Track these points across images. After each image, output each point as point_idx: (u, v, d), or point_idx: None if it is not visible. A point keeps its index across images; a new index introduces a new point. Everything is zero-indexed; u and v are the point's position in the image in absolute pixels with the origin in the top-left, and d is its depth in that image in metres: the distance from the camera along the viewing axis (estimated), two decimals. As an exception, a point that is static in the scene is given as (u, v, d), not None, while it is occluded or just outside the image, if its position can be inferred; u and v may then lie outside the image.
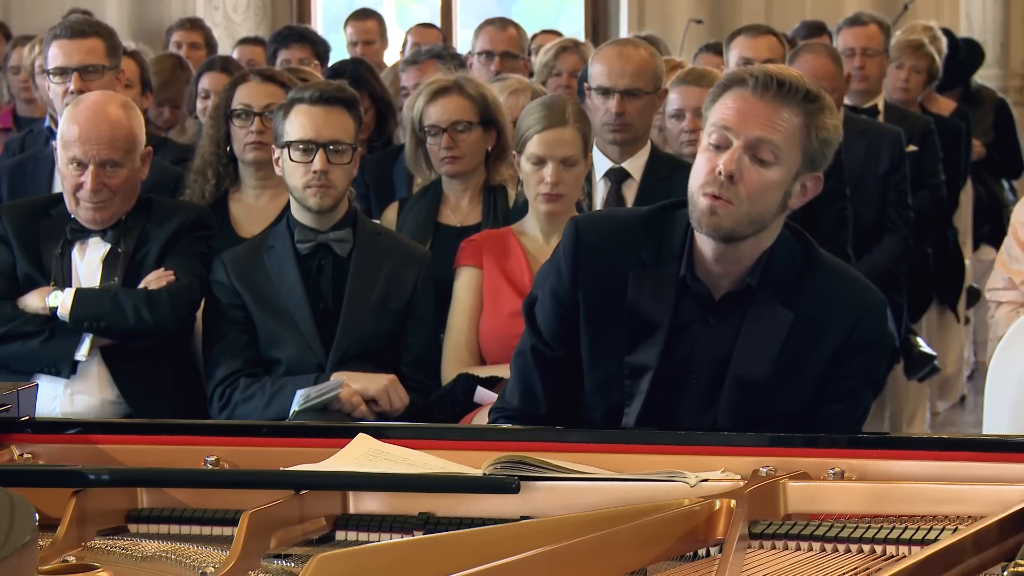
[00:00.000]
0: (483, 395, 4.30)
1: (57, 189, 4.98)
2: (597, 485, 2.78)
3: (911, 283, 6.72)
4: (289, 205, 4.61)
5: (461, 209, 5.11)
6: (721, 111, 3.14)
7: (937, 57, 7.81)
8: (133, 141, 4.51)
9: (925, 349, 6.72)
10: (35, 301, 4.49)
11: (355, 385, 4.36)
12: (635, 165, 5.22)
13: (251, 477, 2.85)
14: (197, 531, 2.79)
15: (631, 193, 5.19)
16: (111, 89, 5.07)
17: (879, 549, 2.55)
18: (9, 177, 5.37)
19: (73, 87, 5.19)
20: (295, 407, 4.28)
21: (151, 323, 4.44)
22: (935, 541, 2.50)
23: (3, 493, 2.01)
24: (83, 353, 4.46)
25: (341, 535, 2.77)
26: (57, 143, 4.61)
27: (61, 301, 4.44)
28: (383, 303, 4.48)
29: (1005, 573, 2.29)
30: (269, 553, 2.63)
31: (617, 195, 5.19)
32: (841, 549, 2.57)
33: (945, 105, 8.13)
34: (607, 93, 5.17)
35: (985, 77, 9.43)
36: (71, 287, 4.48)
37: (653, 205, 3.38)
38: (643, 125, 5.24)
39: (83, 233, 4.54)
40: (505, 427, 3.29)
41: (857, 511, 2.68)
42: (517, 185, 4.79)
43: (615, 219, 3.41)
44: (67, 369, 4.47)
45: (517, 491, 2.74)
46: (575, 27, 10.87)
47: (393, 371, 4.44)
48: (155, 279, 4.50)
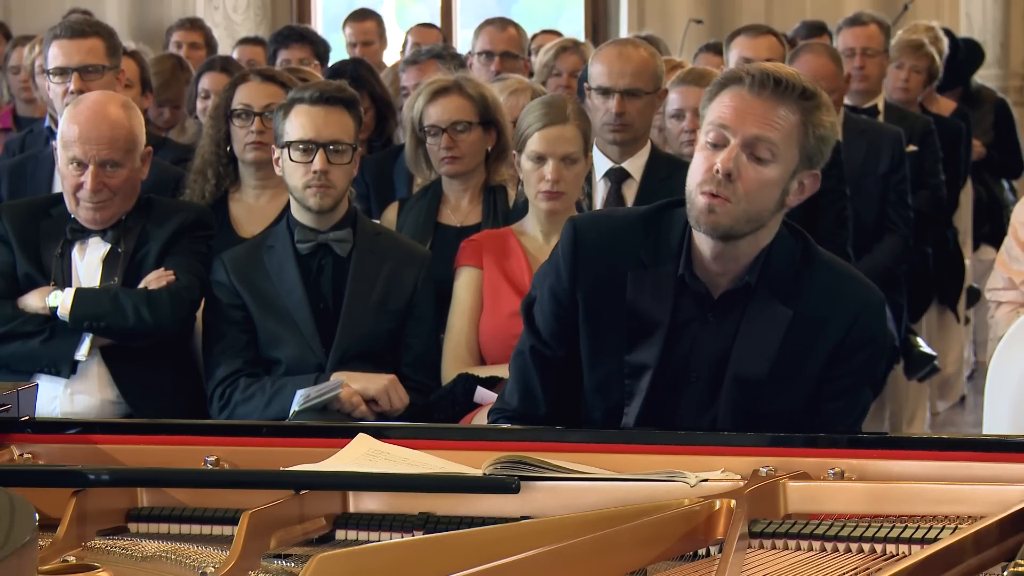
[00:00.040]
0: (483, 395, 4.30)
1: (57, 189, 4.98)
2: (597, 485, 2.78)
3: (911, 283, 6.72)
4: (289, 205, 4.61)
5: (461, 209, 5.11)
6: (718, 109, 3.13)
7: (937, 57, 7.81)
8: (133, 141, 4.51)
9: (925, 349, 6.72)
10: (35, 301, 4.49)
11: (355, 385, 4.36)
12: (635, 165, 5.22)
13: (251, 477, 2.85)
14: (197, 530, 2.79)
15: (631, 193, 5.19)
16: (111, 89, 5.07)
17: (879, 548, 2.56)
18: (9, 177, 5.37)
19: (73, 87, 5.19)
20: (295, 407, 4.27)
21: (151, 323, 4.44)
22: (935, 540, 2.51)
23: (3, 493, 2.01)
24: (83, 353, 4.46)
25: (341, 534, 2.77)
26: (57, 143, 4.61)
27: (61, 301, 4.44)
28: (383, 303, 4.48)
29: (1005, 573, 2.29)
30: (269, 553, 2.63)
31: (617, 195, 5.19)
32: (841, 548, 2.57)
33: (945, 105, 8.12)
34: (607, 93, 5.17)
35: (985, 77, 9.43)
36: (71, 287, 4.48)
37: (651, 204, 3.38)
38: (643, 125, 5.24)
39: (83, 233, 4.54)
40: (505, 427, 3.28)
41: (857, 511, 2.68)
42: (517, 185, 4.79)
43: (613, 219, 3.41)
44: (67, 369, 4.47)
45: (517, 491, 2.73)
46: (575, 27, 10.87)
47: (393, 371, 4.44)
48: (155, 279, 4.50)
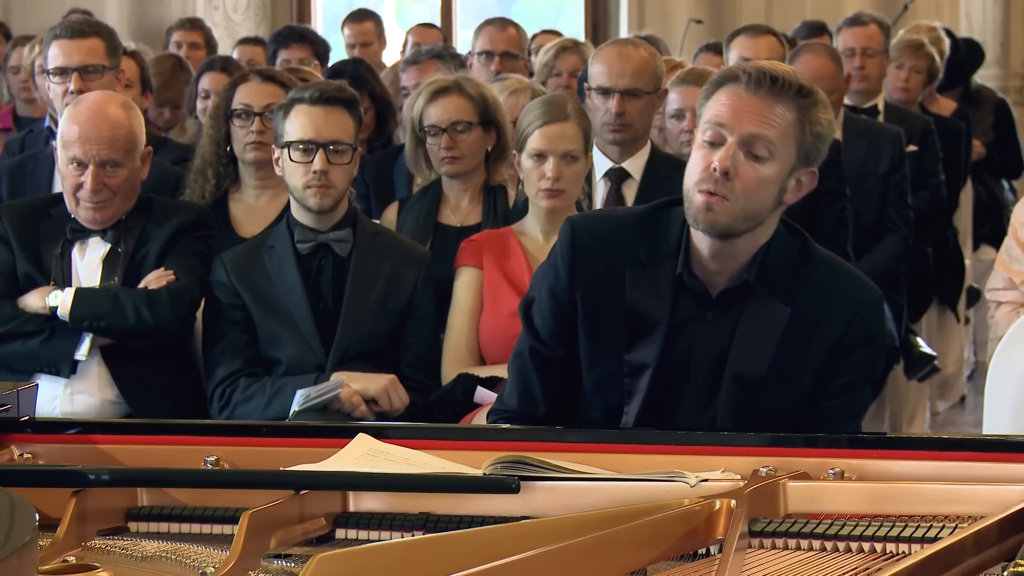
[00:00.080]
0: (483, 395, 4.30)
1: (57, 189, 4.98)
2: (597, 485, 2.78)
3: (911, 283, 6.72)
4: (289, 205, 4.61)
5: (461, 209, 5.11)
6: (715, 108, 3.13)
7: (937, 57, 7.81)
8: (133, 141, 4.51)
9: (925, 349, 6.72)
10: (35, 301, 4.49)
11: (355, 385, 4.36)
12: (635, 165, 5.22)
13: (251, 477, 2.85)
14: (197, 530, 2.79)
15: (631, 193, 5.19)
16: (111, 89, 5.07)
17: (879, 548, 2.55)
18: (9, 177, 5.37)
19: (73, 87, 5.19)
20: (295, 407, 4.27)
21: (151, 323, 4.44)
22: (935, 540, 2.51)
23: (3, 493, 2.01)
24: (83, 353, 4.46)
25: (341, 533, 2.77)
26: (57, 143, 4.61)
27: (61, 301, 4.44)
28: (383, 303, 4.48)
29: (1005, 573, 2.28)
30: (269, 553, 2.63)
31: (617, 195, 5.19)
32: (841, 548, 2.57)
33: (946, 105, 8.12)
34: (607, 93, 5.17)
35: (985, 77, 9.43)
36: (71, 287, 4.48)
37: (648, 204, 3.38)
38: (643, 125, 5.24)
39: (83, 233, 4.54)
40: (505, 427, 3.28)
41: (857, 511, 2.68)
42: (517, 185, 4.79)
43: (611, 218, 3.42)
44: (67, 369, 4.47)
45: (517, 491, 2.73)
46: (575, 27, 10.87)
47: (393, 371, 4.44)
48: (155, 279, 4.50)
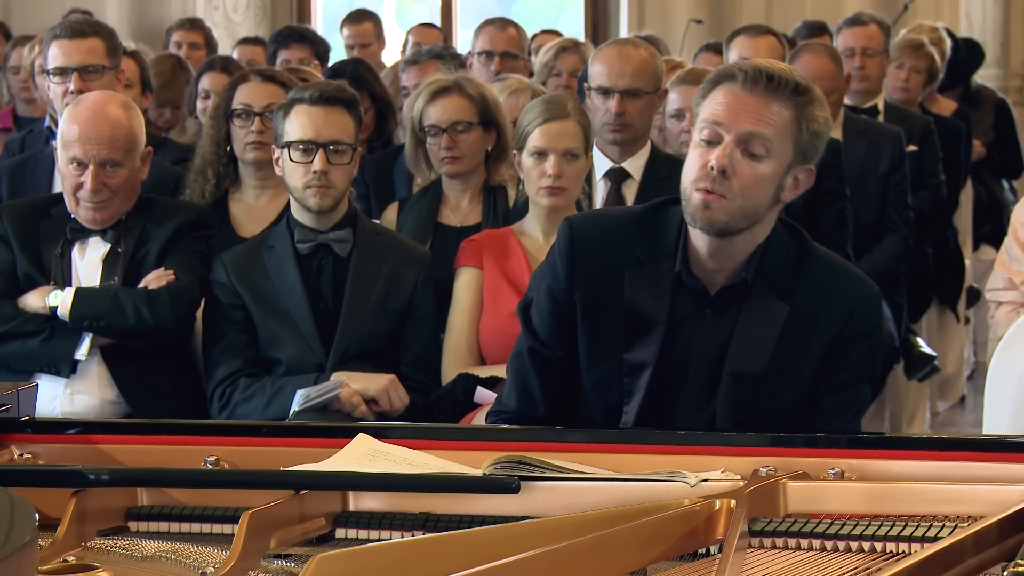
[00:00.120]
0: (483, 395, 4.30)
1: (57, 189, 4.98)
2: (597, 485, 2.78)
3: (911, 283, 6.72)
4: (289, 205, 4.61)
5: (461, 209, 5.11)
6: (711, 106, 3.14)
7: (937, 57, 7.81)
8: (133, 141, 4.51)
9: (925, 349, 6.72)
10: (35, 300, 4.49)
11: (355, 385, 4.36)
12: (635, 165, 5.22)
13: (251, 477, 2.85)
14: (197, 529, 2.79)
15: (631, 193, 5.18)
16: (111, 89, 5.07)
17: (879, 547, 2.55)
18: (9, 177, 5.37)
19: (73, 87, 5.19)
20: (295, 407, 4.27)
21: (151, 322, 4.44)
22: (935, 539, 2.51)
23: (3, 493, 2.01)
24: (83, 352, 4.46)
25: (341, 533, 2.77)
26: (57, 143, 4.61)
27: (61, 300, 4.44)
28: (383, 303, 4.48)
29: (1005, 573, 2.28)
30: (269, 553, 2.63)
31: (617, 195, 5.19)
32: (841, 548, 2.57)
33: (946, 105, 8.12)
34: (607, 93, 5.17)
35: (985, 77, 9.43)
36: (71, 286, 4.48)
37: (646, 203, 3.38)
38: (643, 125, 5.24)
39: (83, 233, 4.54)
40: (505, 427, 3.28)
41: (857, 511, 2.68)
42: (517, 185, 4.79)
43: (609, 218, 3.42)
44: (67, 368, 4.47)
45: (517, 491, 2.73)
46: (575, 27, 10.87)
47: (393, 371, 4.44)
48: (155, 279, 4.50)
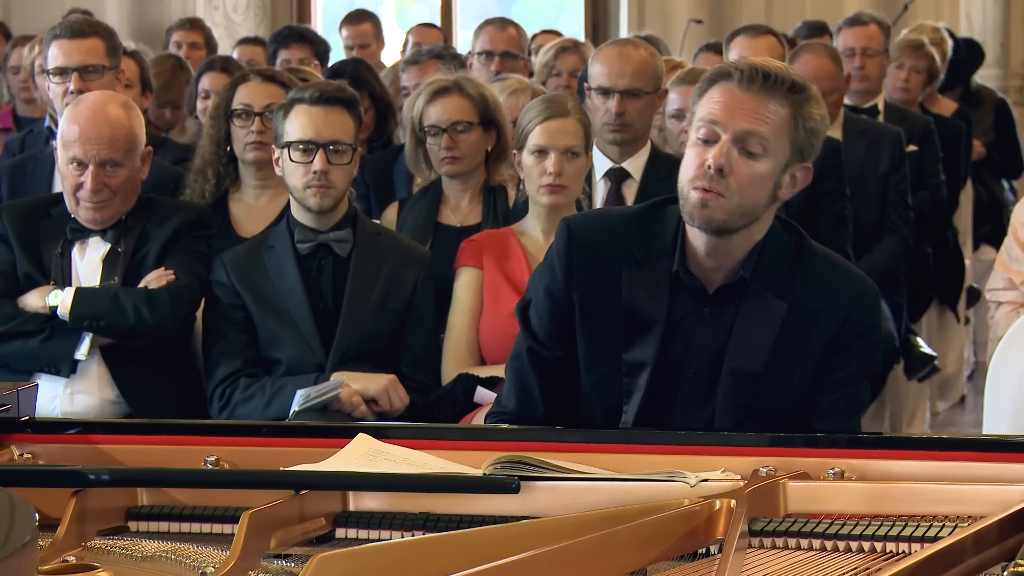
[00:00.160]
0: (483, 395, 4.30)
1: (57, 189, 4.98)
2: (597, 485, 2.78)
3: (911, 283, 6.71)
4: (289, 205, 4.61)
5: (461, 209, 5.11)
6: (708, 105, 3.14)
7: (938, 57, 7.81)
8: (133, 141, 4.51)
9: (925, 349, 6.72)
10: (35, 300, 4.49)
11: (355, 385, 4.36)
12: (635, 165, 5.22)
13: (251, 477, 2.85)
14: (197, 529, 2.79)
15: (631, 193, 5.18)
16: (111, 89, 5.07)
17: (879, 547, 2.55)
18: (9, 177, 5.37)
19: (73, 87, 5.19)
20: (295, 407, 4.27)
21: (151, 322, 4.44)
22: (936, 539, 2.51)
23: (3, 493, 2.01)
24: (83, 352, 4.46)
25: (341, 532, 2.77)
26: (57, 143, 4.61)
27: (61, 300, 4.44)
28: (383, 303, 4.47)
29: (1005, 573, 2.28)
30: (269, 553, 2.63)
31: (617, 195, 5.19)
32: (841, 548, 2.57)
33: (946, 106, 8.12)
34: (607, 93, 5.17)
35: (985, 77, 9.43)
36: (71, 286, 4.48)
37: (644, 203, 3.39)
38: (643, 125, 5.24)
39: (83, 233, 4.54)
40: (505, 427, 3.28)
41: (857, 511, 2.68)
42: (517, 185, 4.79)
43: (607, 218, 3.43)
44: (67, 368, 4.47)
45: (517, 491, 2.73)
46: (575, 27, 10.87)
47: (393, 371, 4.44)
48: (155, 278, 4.50)
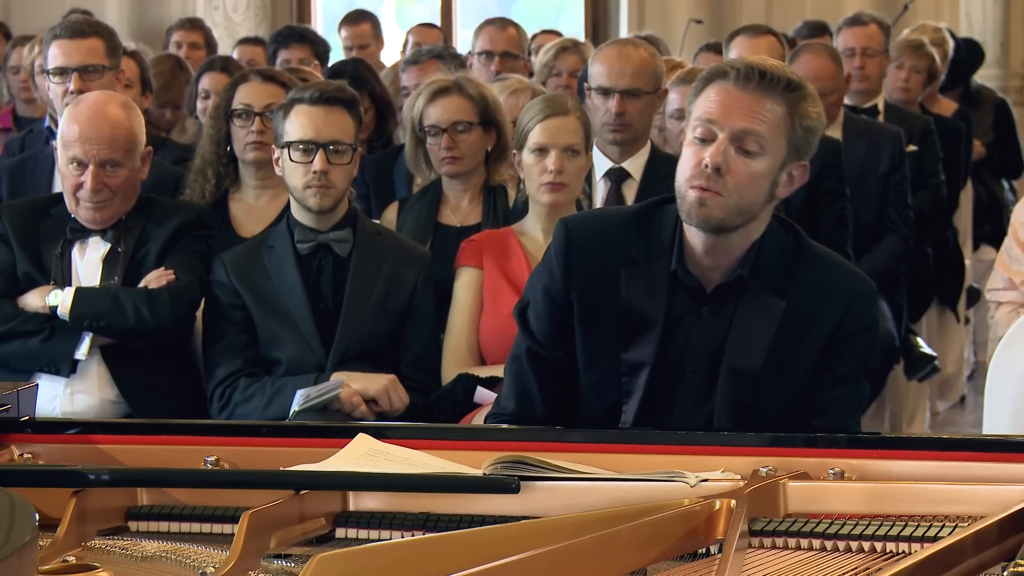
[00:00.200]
0: (483, 395, 4.30)
1: (57, 189, 4.98)
2: (597, 485, 2.78)
3: (911, 283, 6.71)
4: (289, 205, 4.61)
5: (461, 209, 5.11)
6: (704, 104, 3.14)
7: (937, 57, 7.81)
8: (133, 141, 4.51)
9: (925, 349, 6.72)
10: (35, 300, 4.49)
11: (355, 385, 4.36)
12: (635, 165, 5.22)
13: (251, 477, 2.85)
14: (197, 529, 2.79)
15: (631, 193, 5.18)
16: (111, 89, 5.07)
17: (879, 547, 2.55)
18: (9, 177, 5.37)
19: (73, 87, 5.19)
20: (295, 407, 4.27)
21: (151, 322, 4.44)
22: (936, 539, 2.51)
23: (3, 493, 2.01)
24: (83, 352, 4.46)
25: (341, 532, 2.77)
26: (57, 143, 4.61)
27: (61, 300, 4.44)
28: (383, 303, 4.47)
29: (1005, 573, 2.28)
30: (269, 553, 2.63)
31: (617, 195, 5.19)
32: (841, 548, 2.57)
33: (947, 106, 8.12)
34: (607, 93, 5.17)
35: (985, 77, 9.43)
36: (71, 286, 4.48)
37: (641, 202, 3.39)
38: (643, 125, 5.24)
39: (83, 232, 4.54)
40: (505, 427, 3.28)
41: (857, 511, 2.68)
42: (517, 185, 4.79)
43: (604, 218, 3.43)
44: (67, 368, 4.47)
45: (517, 491, 2.73)
46: (575, 27, 10.87)
47: (393, 371, 4.44)
48: (155, 278, 4.50)
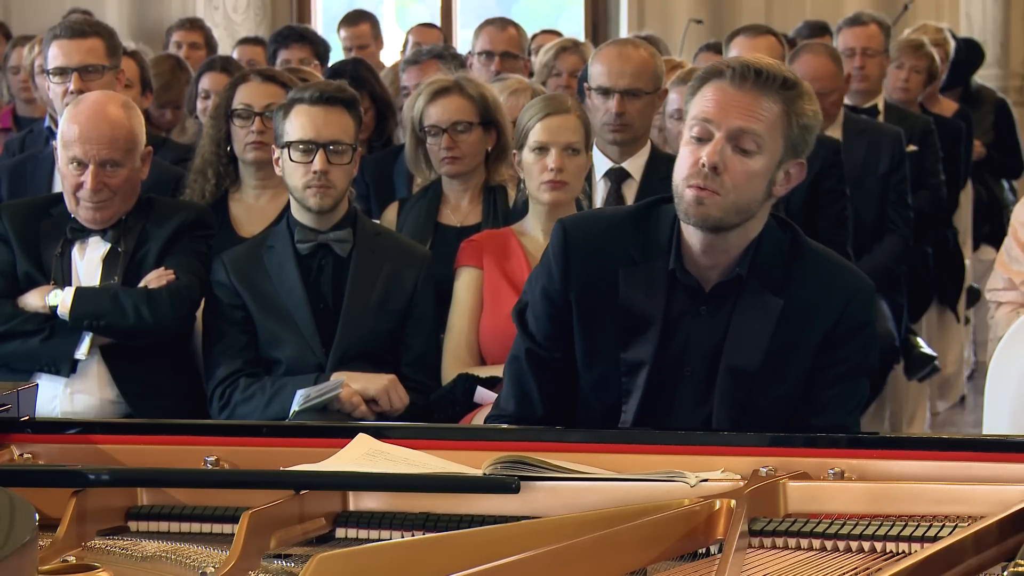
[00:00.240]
0: (483, 395, 4.31)
1: (57, 189, 4.98)
2: (597, 485, 2.78)
3: (911, 283, 6.71)
4: (289, 205, 4.61)
5: (461, 209, 5.11)
6: (701, 104, 3.14)
7: (938, 57, 7.81)
8: (133, 141, 4.51)
9: (925, 349, 6.72)
10: (35, 300, 4.49)
11: (355, 385, 4.36)
12: (635, 165, 5.22)
13: (251, 477, 2.85)
14: (197, 529, 2.79)
15: (631, 193, 5.18)
16: (111, 89, 5.07)
17: (879, 547, 2.55)
18: (9, 177, 5.37)
19: (73, 87, 5.19)
20: (295, 407, 4.27)
21: (151, 322, 4.44)
22: (936, 539, 2.51)
23: (3, 493, 2.01)
24: (83, 352, 4.46)
25: (341, 532, 2.77)
26: (57, 143, 4.61)
27: (61, 300, 4.44)
28: (383, 303, 4.48)
29: (1005, 573, 2.28)
30: (269, 553, 2.63)
31: (617, 195, 5.19)
32: (841, 548, 2.57)
33: (948, 106, 8.12)
34: (607, 93, 5.17)
35: (985, 77, 9.43)
36: (71, 286, 4.48)
37: (639, 202, 3.39)
38: (643, 125, 5.24)
39: (83, 232, 4.54)
40: (505, 427, 3.28)
41: (857, 511, 2.68)
42: (517, 185, 4.79)
43: (602, 218, 3.43)
44: (67, 368, 4.47)
45: (517, 491, 2.73)
46: (575, 27, 10.87)
47: (393, 371, 4.44)
48: (155, 278, 4.50)
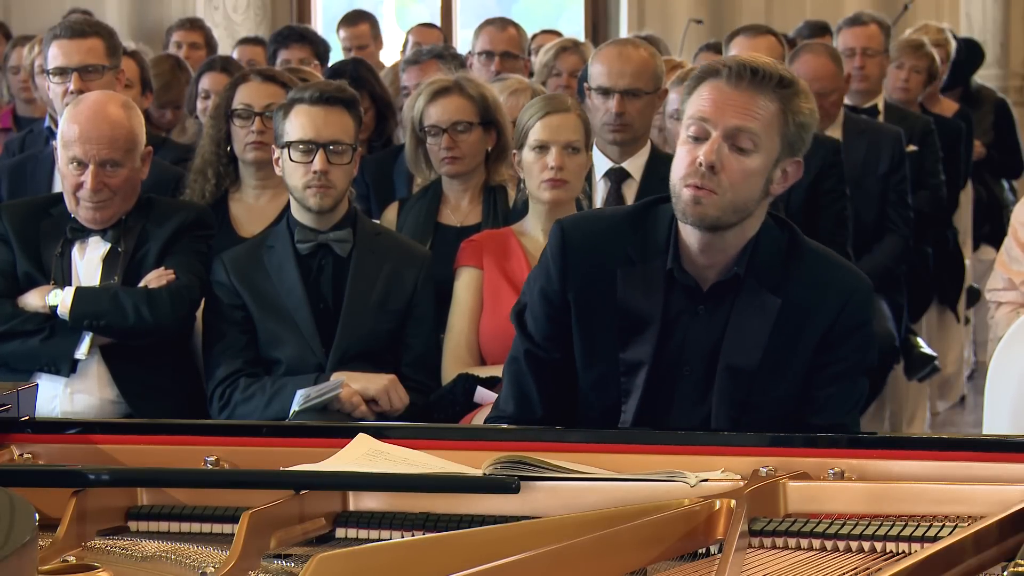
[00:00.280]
0: (483, 395, 4.31)
1: (57, 189, 4.98)
2: (597, 485, 2.78)
3: (911, 283, 6.72)
4: (289, 205, 4.61)
5: (461, 209, 5.11)
6: (697, 103, 3.15)
7: (938, 57, 7.81)
8: (133, 141, 4.51)
9: (925, 349, 6.72)
10: (35, 300, 4.49)
11: (355, 385, 4.36)
12: (635, 165, 5.22)
13: (251, 477, 2.85)
14: (197, 529, 2.79)
15: (631, 193, 5.19)
16: (111, 89, 5.07)
17: (879, 547, 2.55)
18: (9, 177, 5.37)
19: (73, 87, 5.19)
20: (295, 407, 4.27)
21: (151, 322, 4.44)
22: (936, 539, 2.51)
23: (3, 493, 2.01)
24: (83, 352, 4.46)
25: (341, 532, 2.77)
26: (57, 143, 4.61)
27: (61, 300, 4.44)
28: (383, 303, 4.48)
29: (1005, 573, 2.28)
30: (269, 553, 2.63)
31: (617, 195, 5.19)
32: (841, 548, 2.57)
33: (948, 106, 8.12)
34: (607, 93, 5.17)
35: (985, 77, 9.43)
36: (71, 286, 4.48)
37: (636, 202, 3.39)
38: (643, 125, 5.24)
39: (83, 232, 4.54)
40: (505, 427, 3.28)
41: (857, 511, 2.68)
42: (517, 185, 4.79)
43: (600, 218, 3.44)
44: (67, 368, 4.47)
45: (517, 491, 2.73)
46: (575, 27, 10.87)
47: (393, 371, 4.44)
48: (155, 278, 4.50)
